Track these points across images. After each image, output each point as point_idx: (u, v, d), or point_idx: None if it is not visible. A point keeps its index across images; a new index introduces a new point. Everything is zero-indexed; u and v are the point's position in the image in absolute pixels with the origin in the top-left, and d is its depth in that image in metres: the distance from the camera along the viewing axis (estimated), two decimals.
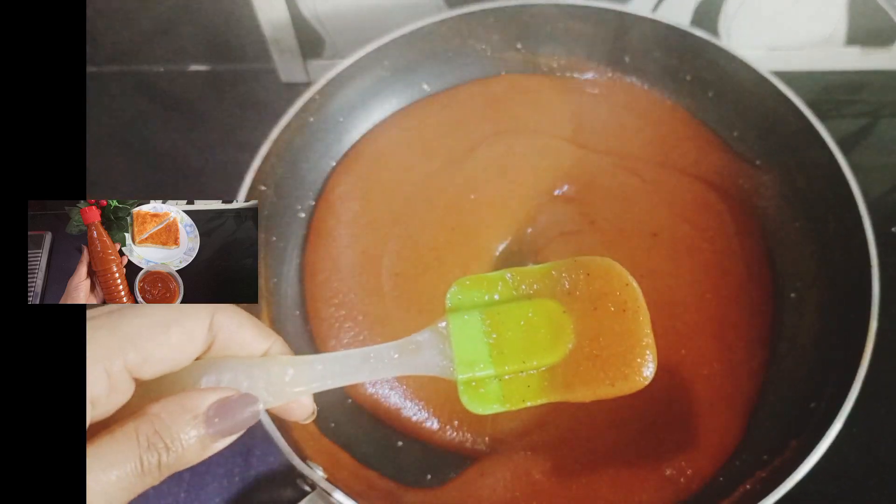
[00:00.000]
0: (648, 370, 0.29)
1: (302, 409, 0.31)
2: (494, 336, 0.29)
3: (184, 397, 0.25)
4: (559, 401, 0.29)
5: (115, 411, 0.25)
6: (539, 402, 0.29)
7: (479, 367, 0.29)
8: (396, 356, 0.30)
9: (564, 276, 0.30)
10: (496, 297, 0.30)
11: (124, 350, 0.25)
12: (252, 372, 0.28)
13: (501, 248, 0.52)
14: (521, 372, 0.29)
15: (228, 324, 0.28)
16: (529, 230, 0.52)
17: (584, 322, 0.29)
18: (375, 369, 0.30)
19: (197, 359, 0.28)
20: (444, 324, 0.30)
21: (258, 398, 0.27)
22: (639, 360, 0.29)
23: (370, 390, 0.48)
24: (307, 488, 0.40)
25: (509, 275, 0.31)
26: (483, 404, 0.29)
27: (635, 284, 0.30)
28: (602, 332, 0.29)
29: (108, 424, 0.25)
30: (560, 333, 0.29)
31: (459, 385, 0.29)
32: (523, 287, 0.30)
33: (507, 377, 0.29)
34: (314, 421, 0.46)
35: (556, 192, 0.54)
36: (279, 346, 0.30)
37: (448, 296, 0.30)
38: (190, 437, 0.25)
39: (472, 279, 0.31)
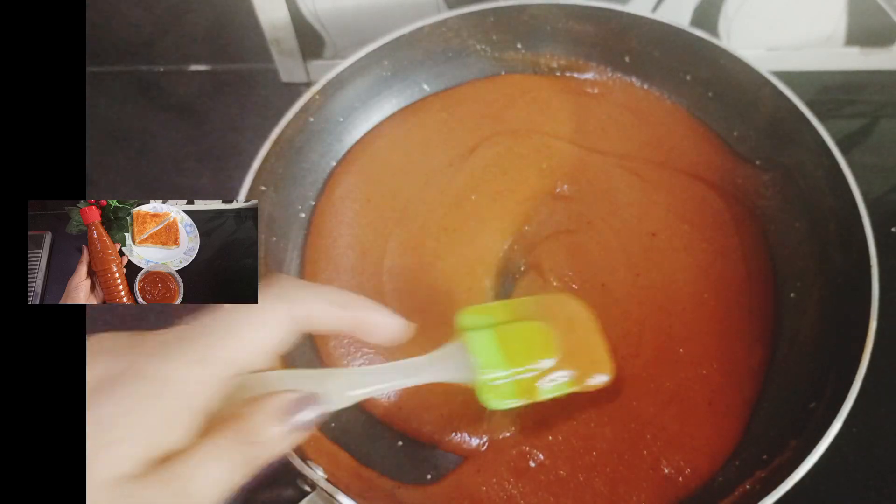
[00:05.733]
0: (607, 376, 0.41)
1: None
2: (503, 347, 0.38)
3: (267, 399, 0.29)
4: (552, 396, 0.39)
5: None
6: (539, 398, 0.39)
7: (497, 370, 0.37)
8: (431, 366, 0.37)
9: (543, 307, 0.42)
10: (495, 319, 0.40)
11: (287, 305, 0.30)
12: (321, 381, 0.32)
13: (502, 247, 0.52)
14: (526, 374, 0.38)
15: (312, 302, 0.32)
16: (526, 227, 0.52)
17: (563, 338, 0.40)
18: (415, 376, 0.36)
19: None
20: (459, 342, 0.38)
21: (324, 396, 0.31)
22: (603, 366, 0.41)
23: None
24: (307, 488, 0.40)
25: (503, 305, 0.43)
26: (500, 400, 0.38)
27: (589, 313, 0.43)
28: (577, 347, 0.40)
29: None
30: (549, 345, 0.39)
31: (479, 387, 0.37)
32: (516, 313, 0.41)
33: (516, 378, 0.38)
34: None
35: (556, 192, 0.54)
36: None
37: (458, 319, 0.39)
38: (275, 433, 0.28)
39: (475, 308, 0.41)
